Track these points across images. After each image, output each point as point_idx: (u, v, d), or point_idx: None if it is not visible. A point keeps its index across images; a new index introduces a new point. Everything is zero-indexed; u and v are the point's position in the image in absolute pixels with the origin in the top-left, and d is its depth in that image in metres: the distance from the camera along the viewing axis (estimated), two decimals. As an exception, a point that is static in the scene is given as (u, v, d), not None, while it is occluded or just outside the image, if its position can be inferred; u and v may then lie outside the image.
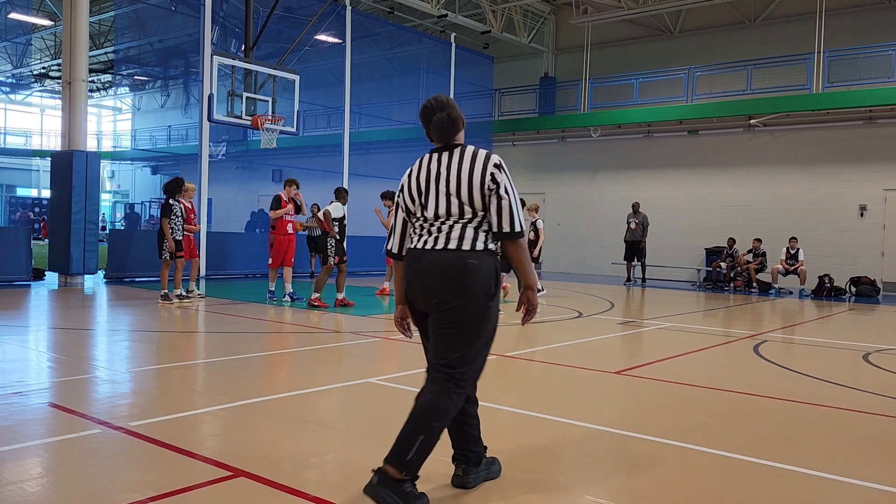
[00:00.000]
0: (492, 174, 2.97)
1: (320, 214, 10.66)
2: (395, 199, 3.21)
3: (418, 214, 3.10)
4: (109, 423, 4.10)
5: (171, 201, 10.40)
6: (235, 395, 4.90)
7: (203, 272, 14.14)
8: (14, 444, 3.71)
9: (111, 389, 5.21)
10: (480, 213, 3.01)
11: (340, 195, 10.81)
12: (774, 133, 18.40)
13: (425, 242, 3.04)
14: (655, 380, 5.98)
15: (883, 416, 4.99)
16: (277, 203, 11.09)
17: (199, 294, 11.21)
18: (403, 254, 3.19)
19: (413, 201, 3.11)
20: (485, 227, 3.03)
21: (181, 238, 10.49)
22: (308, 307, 10.42)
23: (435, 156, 3.11)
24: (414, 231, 3.15)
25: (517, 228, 3.02)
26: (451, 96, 20.53)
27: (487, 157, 3.02)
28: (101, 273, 13.64)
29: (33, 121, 40.19)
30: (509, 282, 11.58)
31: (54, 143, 35.67)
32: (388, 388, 5.40)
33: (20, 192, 38.21)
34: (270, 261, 11.28)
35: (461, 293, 2.95)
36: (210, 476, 3.33)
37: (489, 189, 2.98)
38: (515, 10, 21.73)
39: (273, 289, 11.27)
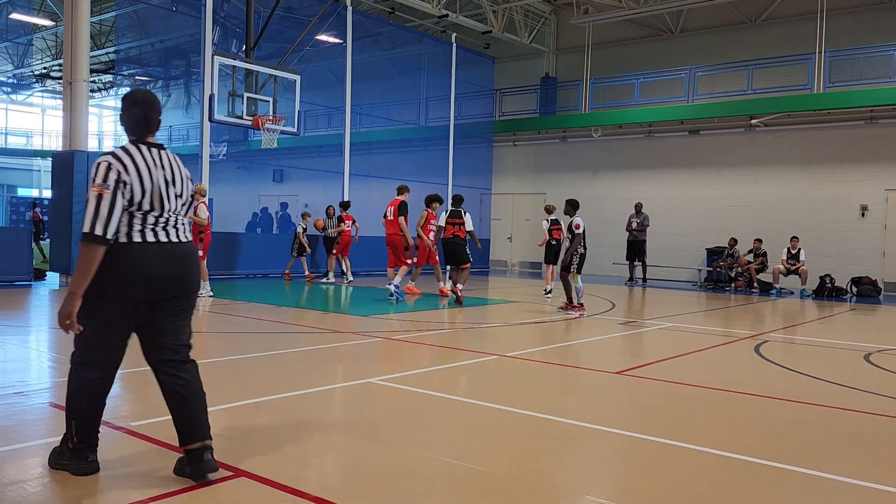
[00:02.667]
0: (191, 179, 3.49)
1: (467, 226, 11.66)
2: (114, 184, 3.10)
3: (155, 208, 3.23)
4: (110, 423, 4.10)
5: None
6: (235, 395, 4.90)
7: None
8: (15, 444, 3.71)
9: (111, 389, 5.20)
10: (182, 209, 3.42)
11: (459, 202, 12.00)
12: (775, 133, 18.39)
13: (168, 235, 3.28)
14: (656, 380, 5.98)
15: (884, 416, 4.99)
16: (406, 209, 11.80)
17: (209, 294, 11.41)
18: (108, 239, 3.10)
19: (146, 194, 3.19)
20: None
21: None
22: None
23: (155, 151, 3.31)
24: (143, 224, 3.20)
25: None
26: (452, 96, 20.68)
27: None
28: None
29: (34, 121, 40.20)
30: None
31: (55, 144, 35.70)
32: (389, 388, 5.40)
33: (21, 192, 38.23)
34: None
35: (198, 278, 3.46)
36: (211, 476, 3.32)
37: (191, 193, 3.48)
38: (516, 10, 21.72)
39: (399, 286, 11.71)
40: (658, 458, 3.91)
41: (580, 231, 10.40)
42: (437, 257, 12.45)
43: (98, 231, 3.07)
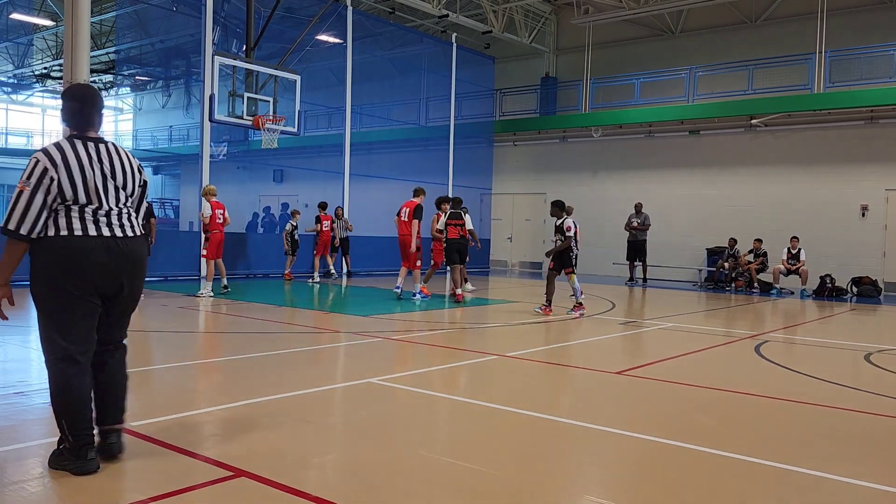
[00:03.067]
0: (142, 172, 3.54)
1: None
2: (36, 181, 3.18)
3: (93, 201, 3.28)
4: (110, 423, 4.10)
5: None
6: (236, 395, 4.90)
7: (203, 272, 14.14)
8: (16, 444, 3.71)
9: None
10: (133, 202, 3.50)
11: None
12: (776, 133, 18.38)
13: (112, 229, 3.33)
14: (657, 380, 5.98)
15: (884, 416, 4.99)
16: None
17: (209, 294, 11.50)
18: (30, 236, 3.19)
19: (78, 188, 3.24)
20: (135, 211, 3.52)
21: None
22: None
23: (92, 145, 3.35)
24: (81, 216, 3.26)
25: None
26: (453, 96, 20.67)
27: (132, 156, 3.53)
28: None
29: (35, 121, 40.21)
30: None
31: (56, 144, 35.61)
32: (389, 388, 5.40)
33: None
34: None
35: (144, 274, 3.51)
36: (211, 476, 3.33)
37: (140, 185, 3.52)
38: (516, 10, 21.72)
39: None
40: (658, 458, 3.91)
41: (572, 233, 10.41)
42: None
43: (11, 226, 3.16)
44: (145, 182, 3.57)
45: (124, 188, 3.40)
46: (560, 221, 10.49)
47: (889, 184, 16.83)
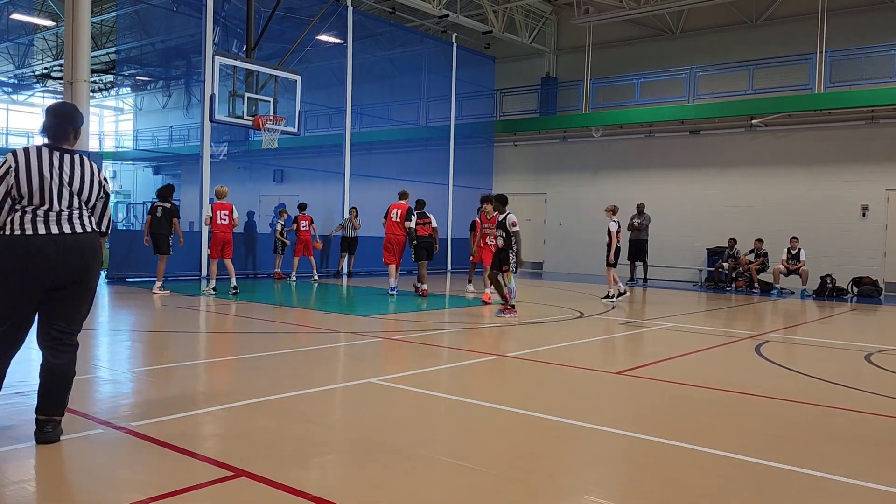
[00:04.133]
0: (103, 185, 3.87)
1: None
2: (3, 175, 3.60)
3: (45, 202, 3.63)
4: (111, 423, 4.10)
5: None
6: (236, 395, 4.90)
7: (204, 272, 14.16)
8: (16, 444, 3.71)
9: (113, 389, 5.22)
10: (89, 208, 3.82)
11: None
12: (776, 133, 18.38)
13: (61, 227, 3.66)
14: (657, 380, 5.98)
15: (885, 416, 4.99)
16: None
17: (212, 289, 11.98)
18: None
19: (33, 189, 3.60)
20: (91, 215, 3.84)
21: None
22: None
23: (57, 155, 3.72)
24: (34, 217, 3.61)
25: (109, 228, 3.98)
26: (453, 96, 20.68)
27: (98, 170, 3.89)
28: (102, 273, 13.66)
29: (35, 121, 40.20)
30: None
31: (56, 144, 35.61)
32: (389, 387, 5.40)
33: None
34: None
35: (97, 266, 3.78)
36: (211, 476, 3.33)
37: (100, 196, 3.88)
38: (517, 10, 21.72)
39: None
40: (658, 458, 3.91)
41: (517, 228, 10.15)
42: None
43: None
44: (107, 194, 3.93)
45: (80, 195, 3.75)
46: (503, 217, 10.22)
47: (889, 184, 16.82)
